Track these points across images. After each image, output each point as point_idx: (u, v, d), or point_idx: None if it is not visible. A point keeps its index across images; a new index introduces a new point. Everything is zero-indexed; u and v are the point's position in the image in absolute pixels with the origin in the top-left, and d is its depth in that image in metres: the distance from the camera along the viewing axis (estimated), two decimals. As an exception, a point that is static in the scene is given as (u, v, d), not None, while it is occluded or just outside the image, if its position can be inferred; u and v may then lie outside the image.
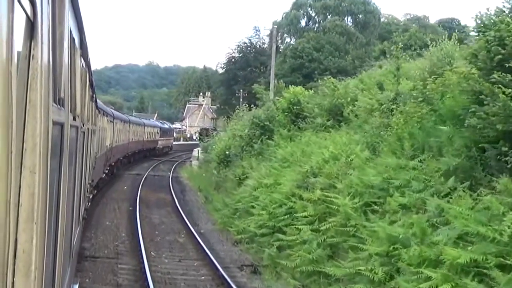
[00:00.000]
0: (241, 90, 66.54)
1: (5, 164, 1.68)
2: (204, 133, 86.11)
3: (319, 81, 29.29)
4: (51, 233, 3.13)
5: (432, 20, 77.99)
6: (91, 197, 14.41)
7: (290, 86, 29.52)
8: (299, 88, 24.20)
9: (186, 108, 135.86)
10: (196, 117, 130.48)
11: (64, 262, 4.25)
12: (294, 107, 23.29)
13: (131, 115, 60.56)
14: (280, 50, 70.71)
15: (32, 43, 2.17)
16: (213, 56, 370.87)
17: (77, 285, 7.01)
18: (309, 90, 25.11)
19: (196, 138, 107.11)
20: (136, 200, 26.61)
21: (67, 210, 4.44)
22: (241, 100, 65.77)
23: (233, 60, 74.70)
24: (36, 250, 2.16)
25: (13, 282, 1.85)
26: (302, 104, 23.36)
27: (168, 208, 25.49)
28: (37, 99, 2.16)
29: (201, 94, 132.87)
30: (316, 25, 65.90)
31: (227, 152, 27.32)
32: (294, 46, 57.49)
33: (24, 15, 2.01)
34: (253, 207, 17.94)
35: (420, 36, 57.77)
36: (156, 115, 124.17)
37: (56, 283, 3.48)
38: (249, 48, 75.34)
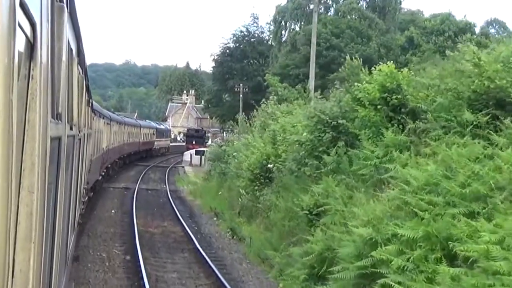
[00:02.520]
0: (240, 85, 57.60)
1: (6, 186, 1.63)
2: (193, 134, 76.05)
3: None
4: (48, 243, 3.03)
5: (426, 15, 69.83)
6: (86, 199, 13.83)
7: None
8: (392, 67, 15.33)
9: (168, 107, 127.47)
10: (180, 117, 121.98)
11: (60, 269, 4.19)
12: (393, 97, 14.46)
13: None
14: (283, 39, 61.95)
15: (32, 64, 2.15)
16: (194, 55, 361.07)
17: None
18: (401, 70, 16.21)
19: (181, 139, 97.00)
20: (133, 239, 17.67)
21: (63, 218, 4.33)
22: (241, 96, 56.97)
23: (227, 51, 65.71)
24: (33, 269, 2.13)
25: None
26: (404, 91, 14.57)
27: (185, 254, 16.54)
28: (35, 120, 2.15)
29: (184, 92, 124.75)
30: (328, 9, 57.17)
31: (269, 165, 18.35)
32: (307, 32, 48.64)
33: (24, 37, 2.01)
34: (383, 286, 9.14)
35: (454, 21, 49.63)
36: (136, 114, 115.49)
37: None
38: (246, 38, 66.42)
